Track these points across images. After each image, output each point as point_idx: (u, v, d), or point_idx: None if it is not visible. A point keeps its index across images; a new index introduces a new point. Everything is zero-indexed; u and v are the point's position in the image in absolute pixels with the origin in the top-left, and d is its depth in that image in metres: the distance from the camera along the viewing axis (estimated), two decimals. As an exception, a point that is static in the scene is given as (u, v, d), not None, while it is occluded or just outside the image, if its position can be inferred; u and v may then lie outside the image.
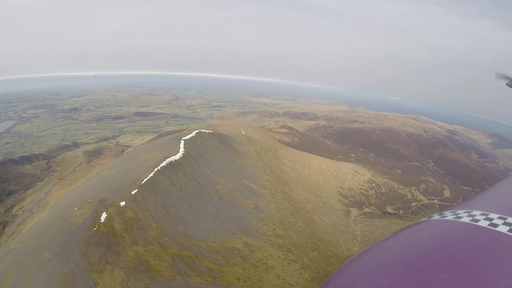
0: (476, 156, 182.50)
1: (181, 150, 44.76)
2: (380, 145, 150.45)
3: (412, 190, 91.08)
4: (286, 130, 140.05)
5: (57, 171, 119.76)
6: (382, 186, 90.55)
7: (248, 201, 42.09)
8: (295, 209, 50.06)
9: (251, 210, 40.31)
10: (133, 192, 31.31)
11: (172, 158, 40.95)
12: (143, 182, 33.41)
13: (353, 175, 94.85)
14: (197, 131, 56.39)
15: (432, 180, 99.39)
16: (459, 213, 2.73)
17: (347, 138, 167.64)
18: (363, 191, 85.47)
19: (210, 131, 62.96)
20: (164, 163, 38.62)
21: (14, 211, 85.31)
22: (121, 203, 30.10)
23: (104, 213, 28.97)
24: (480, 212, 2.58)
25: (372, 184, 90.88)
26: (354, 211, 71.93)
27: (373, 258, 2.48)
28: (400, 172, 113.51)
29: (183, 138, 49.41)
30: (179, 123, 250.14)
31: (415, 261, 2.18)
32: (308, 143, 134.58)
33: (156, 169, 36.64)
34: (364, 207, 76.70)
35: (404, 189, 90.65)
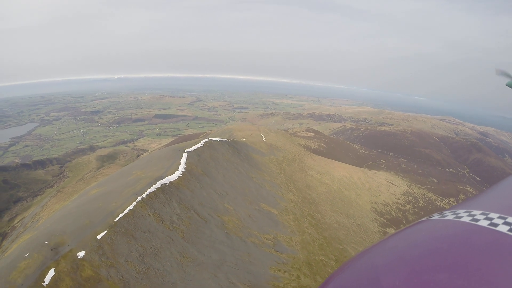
0: (511, 160, 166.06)
1: (182, 166, 35.15)
2: (411, 150, 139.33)
3: (451, 203, 79.82)
4: (311, 134, 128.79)
5: (68, 177, 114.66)
6: (419, 199, 78.36)
7: (266, 235, 31.76)
8: (325, 240, 39.23)
9: (269, 250, 29.92)
10: (99, 236, 22.03)
11: (167, 180, 31.34)
12: (117, 219, 24.11)
13: (387, 186, 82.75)
14: (207, 139, 46.73)
15: (470, 190, 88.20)
16: (459, 213, 2.70)
17: (375, 142, 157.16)
18: (400, 206, 73.53)
19: (223, 139, 53.21)
20: (153, 188, 29.07)
21: (16, 221, 79.57)
22: (79, 253, 20.88)
23: (52, 269, 19.79)
24: (480, 212, 2.55)
25: (409, 197, 78.87)
26: (392, 233, 59.89)
27: (373, 258, 2.45)
28: (435, 180, 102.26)
29: (187, 150, 39.81)
30: (199, 125, 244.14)
31: (415, 261, 2.19)
32: (335, 148, 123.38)
33: (139, 198, 27.16)
34: (401, 225, 64.87)
35: (442, 201, 78.85)
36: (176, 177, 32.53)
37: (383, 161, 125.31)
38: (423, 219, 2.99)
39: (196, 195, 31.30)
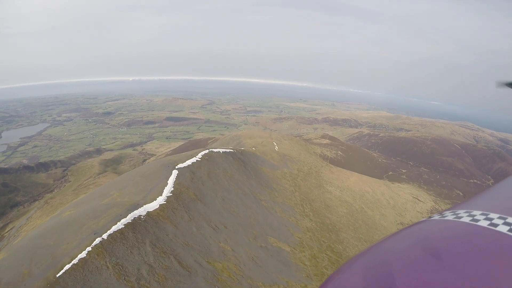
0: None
1: (168, 189, 27.27)
2: (432, 158, 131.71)
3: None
4: (327, 141, 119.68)
5: (70, 181, 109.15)
6: (448, 218, 68.49)
7: (273, 287, 23.48)
8: (350, 282, 30.68)
9: (278, 312, 21.64)
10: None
11: (143, 210, 23.51)
12: (60, 273, 16.76)
13: (413, 203, 73.48)
14: (206, 151, 38.80)
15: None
16: (459, 213, 2.71)
17: (394, 149, 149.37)
18: (429, 228, 63.76)
19: (227, 149, 45.12)
20: (120, 224, 21.28)
21: (6, 230, 73.87)
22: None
23: None
24: (480, 212, 2.56)
25: (437, 216, 68.83)
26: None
27: (373, 258, 2.46)
28: (461, 193, 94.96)
29: (179, 165, 31.92)
30: (211, 129, 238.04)
31: (415, 261, 2.20)
32: (353, 156, 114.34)
33: (97, 241, 19.43)
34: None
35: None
36: (157, 206, 24.64)
37: (403, 170, 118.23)
38: (423, 219, 2.94)
39: (181, 232, 23.29)
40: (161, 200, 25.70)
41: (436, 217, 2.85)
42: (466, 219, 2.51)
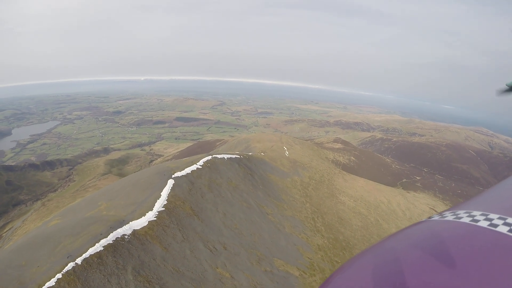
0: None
1: (160, 202, 23.85)
2: (447, 165, 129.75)
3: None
4: (340, 146, 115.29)
5: (74, 181, 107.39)
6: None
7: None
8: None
9: None
10: None
11: (128, 228, 20.13)
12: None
13: (430, 215, 68.03)
14: (209, 157, 35.25)
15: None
16: (459, 214, 2.70)
17: (408, 155, 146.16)
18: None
19: (233, 155, 41.53)
20: (98, 246, 17.94)
21: (6, 229, 71.89)
22: None
23: None
24: (480, 213, 2.56)
25: (455, 229, 64.34)
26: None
27: (373, 258, 2.45)
28: None
29: (176, 174, 28.47)
30: (220, 130, 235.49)
31: (415, 262, 2.19)
32: (366, 162, 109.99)
33: (70, 266, 16.14)
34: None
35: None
36: (146, 223, 21.20)
37: (417, 178, 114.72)
38: (423, 219, 2.92)
39: (171, 255, 19.78)
40: (151, 215, 22.26)
41: (436, 217, 2.80)
42: (466, 219, 2.51)
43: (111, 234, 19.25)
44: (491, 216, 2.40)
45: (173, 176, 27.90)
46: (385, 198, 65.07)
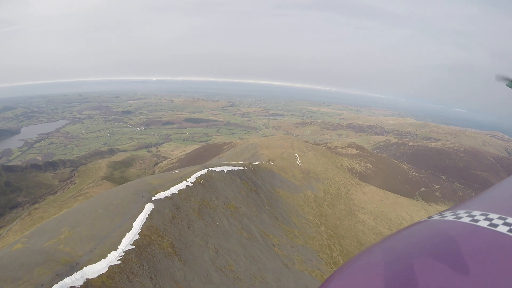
0: None
1: (129, 238, 17.86)
2: (466, 172, 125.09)
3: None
4: (355, 151, 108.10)
5: (75, 183, 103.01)
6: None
7: None
8: None
9: None
10: None
11: (80, 276, 14.18)
12: None
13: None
14: (204, 171, 29.05)
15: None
16: (459, 213, 2.71)
17: (425, 161, 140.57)
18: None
19: (236, 167, 35.28)
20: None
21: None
22: None
23: None
24: (480, 212, 2.57)
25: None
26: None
27: (373, 258, 2.44)
28: None
29: (157, 196, 22.38)
30: (230, 132, 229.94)
31: (415, 261, 2.18)
32: (383, 170, 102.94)
33: None
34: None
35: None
36: (106, 268, 15.24)
37: (436, 186, 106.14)
38: (423, 219, 2.93)
39: (131, 327, 13.74)
40: (113, 257, 16.27)
41: (436, 217, 2.80)
42: (466, 219, 2.50)
43: (54, 286, 13.33)
44: (491, 216, 2.39)
45: (153, 198, 21.85)
46: (407, 214, 57.99)
